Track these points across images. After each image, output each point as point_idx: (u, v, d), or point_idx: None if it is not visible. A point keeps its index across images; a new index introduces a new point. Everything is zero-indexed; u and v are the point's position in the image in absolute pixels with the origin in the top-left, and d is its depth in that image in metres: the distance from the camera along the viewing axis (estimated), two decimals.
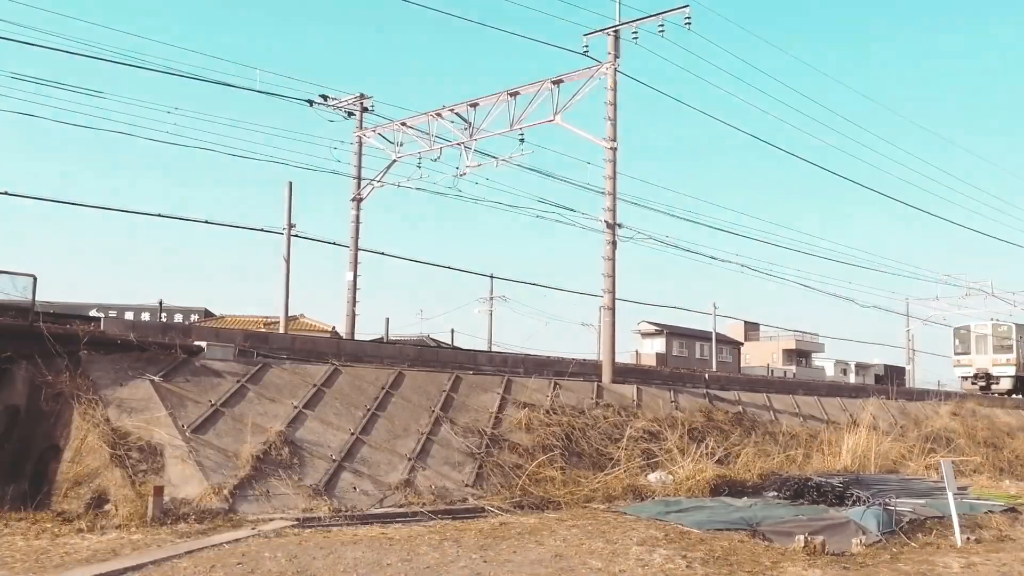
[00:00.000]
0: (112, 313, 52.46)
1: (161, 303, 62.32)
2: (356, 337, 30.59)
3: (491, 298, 57.76)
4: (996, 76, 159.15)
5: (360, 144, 33.28)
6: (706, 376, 29.84)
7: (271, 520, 12.87)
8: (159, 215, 39.56)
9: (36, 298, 16.93)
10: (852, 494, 17.41)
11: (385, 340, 38.94)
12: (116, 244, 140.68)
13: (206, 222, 32.29)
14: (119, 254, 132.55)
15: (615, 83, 25.15)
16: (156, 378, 15.63)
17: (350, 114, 33.25)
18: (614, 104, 25.08)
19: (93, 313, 34.37)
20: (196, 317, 62.62)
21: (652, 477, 18.74)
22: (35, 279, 16.83)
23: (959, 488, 16.81)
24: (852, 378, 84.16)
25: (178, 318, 65.96)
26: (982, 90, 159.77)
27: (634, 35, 25.34)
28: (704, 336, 72.11)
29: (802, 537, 12.63)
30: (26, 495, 14.49)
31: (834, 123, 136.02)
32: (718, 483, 18.45)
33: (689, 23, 24.65)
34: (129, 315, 60.48)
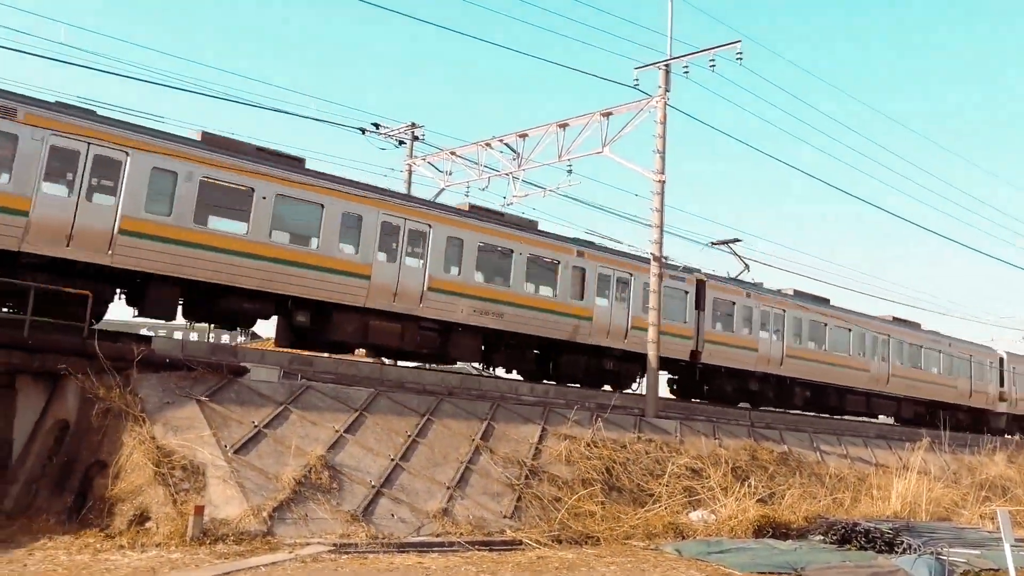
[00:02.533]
0: (162, 332, 53.40)
1: (210, 324, 63.24)
2: (399, 363, 30.70)
3: None
4: None
5: (410, 172, 33.57)
6: (750, 414, 29.37)
7: (308, 544, 12.88)
8: None
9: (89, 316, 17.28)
10: (902, 541, 16.96)
11: (427, 367, 38.95)
12: None
13: None
14: None
15: (665, 116, 25.11)
16: (202, 398, 15.79)
17: (401, 142, 33.60)
18: (663, 137, 25.01)
19: (144, 332, 34.93)
20: (243, 339, 63.32)
21: (694, 515, 18.44)
22: (89, 298, 17.15)
23: (1017, 540, 16.25)
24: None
25: (225, 339, 66.76)
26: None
27: (685, 69, 25.30)
28: None
29: None
30: (71, 509, 14.68)
31: (890, 162, 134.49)
32: (762, 524, 18.08)
33: (741, 58, 24.53)
34: (178, 335, 61.42)
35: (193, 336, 65.00)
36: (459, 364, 26.23)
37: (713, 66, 25.02)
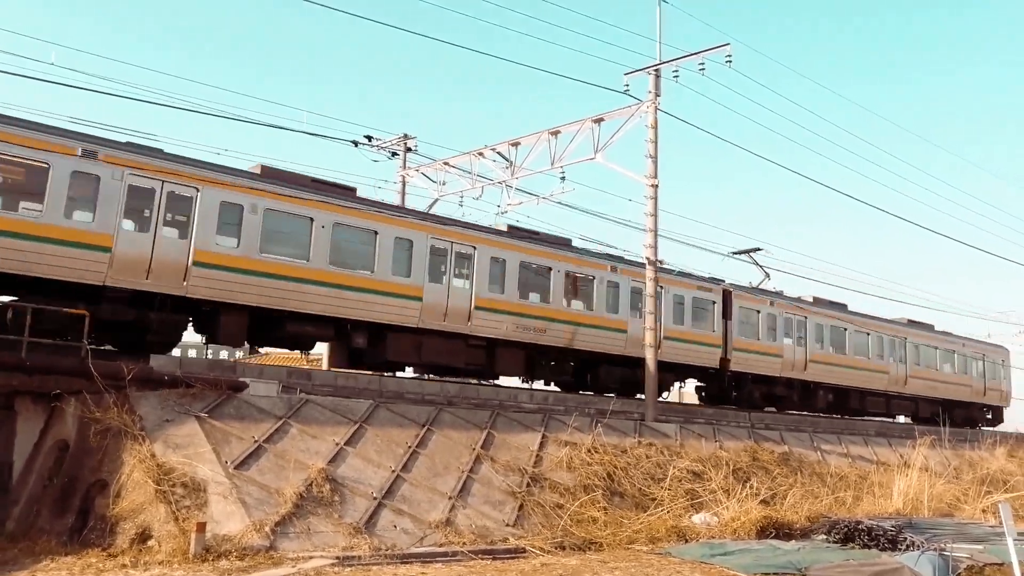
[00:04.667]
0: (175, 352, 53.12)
1: (207, 340, 63.06)
2: (398, 374, 30.67)
3: None
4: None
5: (404, 183, 33.60)
6: (750, 415, 29.42)
7: (311, 558, 12.87)
8: None
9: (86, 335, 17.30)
10: (905, 538, 16.96)
11: (426, 377, 38.95)
12: None
13: None
14: None
15: (656, 121, 25.18)
16: (201, 414, 15.78)
17: (394, 154, 33.67)
18: (655, 142, 25.08)
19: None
20: (241, 354, 63.23)
21: (696, 518, 18.44)
22: (87, 317, 17.18)
23: (1020, 533, 16.26)
24: (901, 418, 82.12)
25: (223, 355, 66.64)
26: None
27: (675, 74, 25.39)
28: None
29: None
30: (73, 529, 14.66)
31: (878, 158, 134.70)
32: (764, 525, 18.09)
33: (730, 61, 24.62)
34: (176, 352, 61.27)
35: (191, 353, 64.87)
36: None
37: (703, 70, 25.12)
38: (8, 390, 17.23)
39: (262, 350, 57.87)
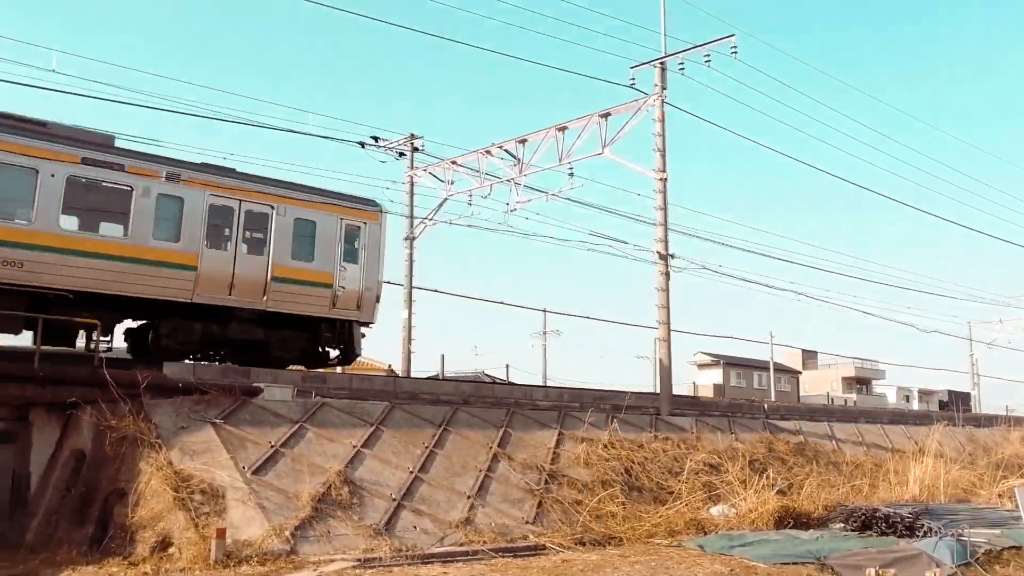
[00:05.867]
0: None
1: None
2: (412, 375, 30.73)
3: (544, 332, 57.72)
4: None
5: (412, 184, 33.55)
6: (765, 406, 29.40)
7: (332, 561, 12.88)
8: None
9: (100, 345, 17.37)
10: (923, 525, 16.94)
11: (441, 377, 39.04)
12: None
13: None
14: None
15: (663, 114, 25.17)
16: (217, 420, 15.80)
17: (401, 154, 33.56)
18: (662, 135, 25.07)
19: None
20: None
21: (714, 510, 18.43)
22: (98, 326, 17.24)
23: None
24: (915, 405, 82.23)
25: None
26: None
27: (680, 66, 25.40)
28: (762, 366, 71.04)
29: (873, 570, 12.31)
30: (92, 539, 14.70)
31: (885, 146, 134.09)
32: (782, 515, 18.07)
33: (736, 52, 24.63)
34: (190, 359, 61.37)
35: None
36: (471, 371, 26.20)
37: (708, 62, 25.11)
38: (22, 401, 17.29)
39: None
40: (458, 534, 15.07)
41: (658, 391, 24.92)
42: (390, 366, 38.45)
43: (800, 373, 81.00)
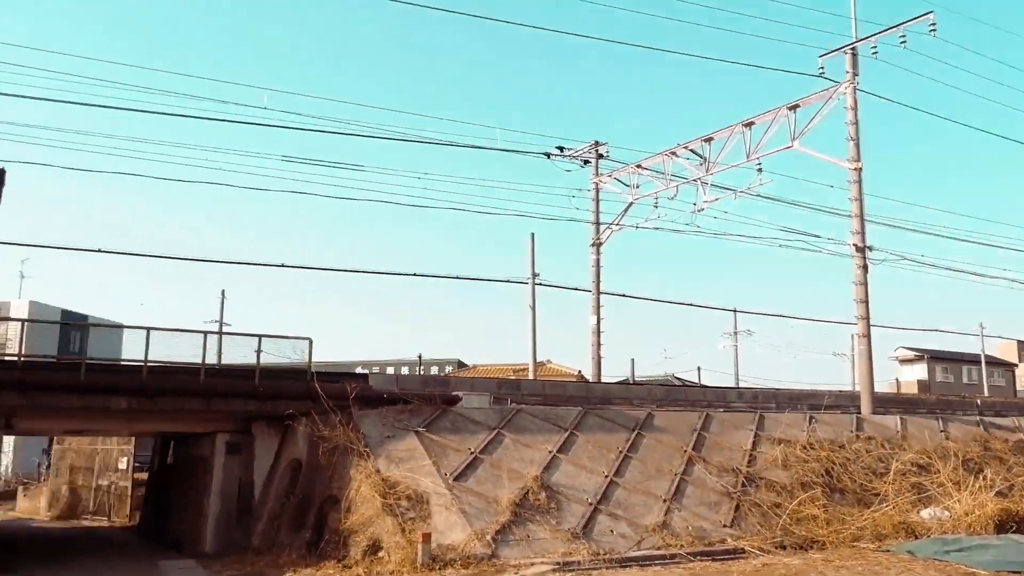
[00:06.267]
0: (375, 369, 56.06)
1: (420, 357, 65.87)
2: (603, 380, 30.92)
3: (735, 333, 56.42)
4: None
5: (597, 190, 33.65)
6: (978, 402, 27.59)
7: (532, 564, 13.19)
8: (414, 274, 41.83)
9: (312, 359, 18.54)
10: None
11: (631, 381, 38.99)
12: (379, 303, 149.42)
13: (456, 277, 33.82)
14: (382, 312, 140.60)
15: (855, 102, 24.19)
16: (419, 429, 16.54)
17: (586, 162, 33.80)
18: (855, 123, 24.10)
19: (359, 370, 36.95)
20: (450, 368, 65.54)
21: (925, 513, 17.50)
22: (311, 342, 18.39)
23: None
24: None
25: (434, 370, 69.23)
26: None
27: (873, 50, 24.31)
28: (971, 359, 66.39)
29: None
30: (309, 543, 15.78)
31: None
32: (1003, 519, 16.91)
33: (935, 30, 23.39)
34: (390, 370, 64.33)
35: (404, 370, 67.81)
36: (660, 375, 26.09)
37: (904, 42, 23.99)
38: (246, 415, 18.78)
39: (470, 363, 59.93)
40: (654, 538, 15.07)
41: (857, 389, 23.90)
42: (580, 372, 38.80)
43: (1016, 366, 75.03)
